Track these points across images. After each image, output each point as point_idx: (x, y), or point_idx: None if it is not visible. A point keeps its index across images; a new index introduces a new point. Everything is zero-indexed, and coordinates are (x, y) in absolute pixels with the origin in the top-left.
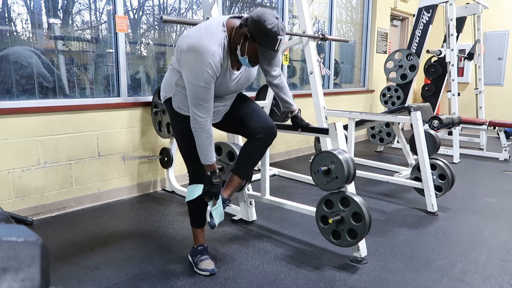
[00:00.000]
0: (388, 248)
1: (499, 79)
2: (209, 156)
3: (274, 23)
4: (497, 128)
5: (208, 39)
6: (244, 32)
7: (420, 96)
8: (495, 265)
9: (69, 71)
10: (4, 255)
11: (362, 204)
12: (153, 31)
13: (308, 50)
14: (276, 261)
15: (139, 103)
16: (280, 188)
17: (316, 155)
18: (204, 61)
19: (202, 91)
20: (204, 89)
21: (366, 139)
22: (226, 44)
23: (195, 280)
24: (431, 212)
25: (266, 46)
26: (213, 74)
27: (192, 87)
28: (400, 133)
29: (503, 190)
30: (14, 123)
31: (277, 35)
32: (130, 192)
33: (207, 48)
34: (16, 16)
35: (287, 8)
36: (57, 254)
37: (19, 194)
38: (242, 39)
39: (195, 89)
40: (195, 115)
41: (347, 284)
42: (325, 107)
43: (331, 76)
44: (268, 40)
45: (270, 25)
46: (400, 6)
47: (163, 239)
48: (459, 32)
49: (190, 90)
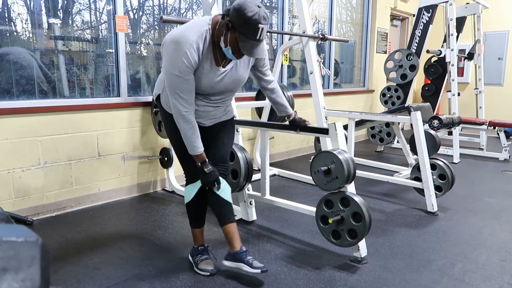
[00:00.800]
0: (388, 248)
1: (499, 79)
2: (195, 146)
3: (254, 11)
4: (497, 128)
5: (189, 31)
6: (225, 22)
7: (420, 96)
8: (495, 265)
9: (69, 71)
10: (4, 255)
11: (362, 204)
12: (153, 31)
13: (308, 50)
14: (276, 261)
15: (139, 103)
16: (280, 188)
17: (316, 155)
18: (181, 49)
19: (178, 80)
20: (179, 78)
21: (366, 139)
22: (209, 37)
23: (195, 280)
24: (431, 212)
25: (246, 35)
26: (189, 64)
27: (169, 76)
28: (400, 133)
29: (503, 190)
30: (14, 123)
31: (258, 23)
32: (130, 192)
33: (185, 38)
34: (16, 16)
35: (287, 8)
36: (57, 254)
37: (19, 194)
38: (224, 30)
39: (171, 78)
40: (175, 106)
41: (347, 284)
42: (325, 107)
43: (331, 76)
44: (248, 28)
45: (250, 13)
46: (400, 6)
47: (163, 239)
48: (459, 32)
49: (167, 80)
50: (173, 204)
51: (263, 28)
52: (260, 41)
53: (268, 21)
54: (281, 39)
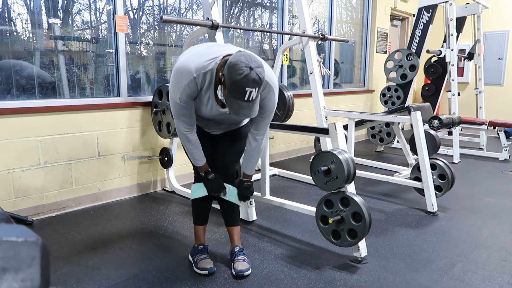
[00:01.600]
0: (388, 248)
1: (499, 79)
2: (197, 160)
3: (244, 73)
4: (497, 128)
5: (196, 63)
6: (220, 76)
7: (420, 96)
8: (495, 265)
9: (69, 71)
10: (4, 255)
11: (362, 204)
12: (153, 31)
13: (308, 50)
14: (276, 261)
15: (139, 103)
16: (280, 188)
17: (316, 155)
18: (183, 81)
19: (179, 107)
20: (181, 106)
21: (366, 139)
22: (209, 78)
23: (195, 280)
24: (431, 212)
25: (233, 95)
26: (187, 96)
27: (172, 102)
28: (400, 133)
29: (503, 190)
30: (14, 123)
31: (245, 86)
32: (130, 192)
33: (188, 71)
34: (16, 16)
35: (287, 8)
36: (57, 254)
37: (19, 194)
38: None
39: (174, 104)
40: (177, 125)
41: (347, 284)
42: (325, 107)
43: (331, 76)
44: (235, 89)
45: (238, 76)
46: (400, 6)
47: (163, 239)
48: (459, 32)
49: (171, 104)
50: (173, 204)
51: (251, 91)
52: (249, 101)
53: (260, 83)
54: (281, 39)
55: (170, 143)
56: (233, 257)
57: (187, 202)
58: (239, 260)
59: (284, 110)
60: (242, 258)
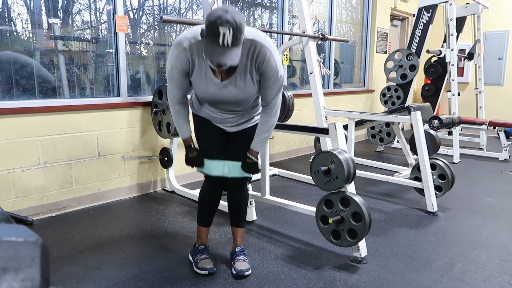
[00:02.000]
0: (388, 248)
1: (499, 79)
2: (182, 132)
3: (218, 14)
4: (497, 128)
5: (187, 33)
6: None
7: (420, 96)
8: (495, 265)
9: (69, 71)
10: (4, 255)
11: (362, 204)
12: (153, 31)
13: (308, 50)
14: (276, 261)
15: (139, 103)
16: (280, 188)
17: (316, 155)
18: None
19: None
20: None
21: (366, 139)
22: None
23: (195, 280)
24: (431, 212)
25: (210, 39)
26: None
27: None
28: (400, 133)
29: (503, 190)
30: (14, 123)
31: (218, 26)
32: (130, 192)
33: (179, 42)
34: (16, 16)
35: (287, 8)
36: (57, 254)
37: (19, 194)
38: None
39: (168, 73)
40: (169, 94)
41: (347, 284)
42: (325, 107)
43: (331, 76)
44: (210, 31)
45: (213, 17)
46: (400, 6)
47: (163, 239)
48: (459, 32)
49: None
50: (173, 204)
51: (224, 33)
52: (224, 47)
53: (234, 26)
54: (281, 39)
55: (170, 143)
56: (234, 257)
57: (187, 202)
58: (239, 260)
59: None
60: (243, 258)
